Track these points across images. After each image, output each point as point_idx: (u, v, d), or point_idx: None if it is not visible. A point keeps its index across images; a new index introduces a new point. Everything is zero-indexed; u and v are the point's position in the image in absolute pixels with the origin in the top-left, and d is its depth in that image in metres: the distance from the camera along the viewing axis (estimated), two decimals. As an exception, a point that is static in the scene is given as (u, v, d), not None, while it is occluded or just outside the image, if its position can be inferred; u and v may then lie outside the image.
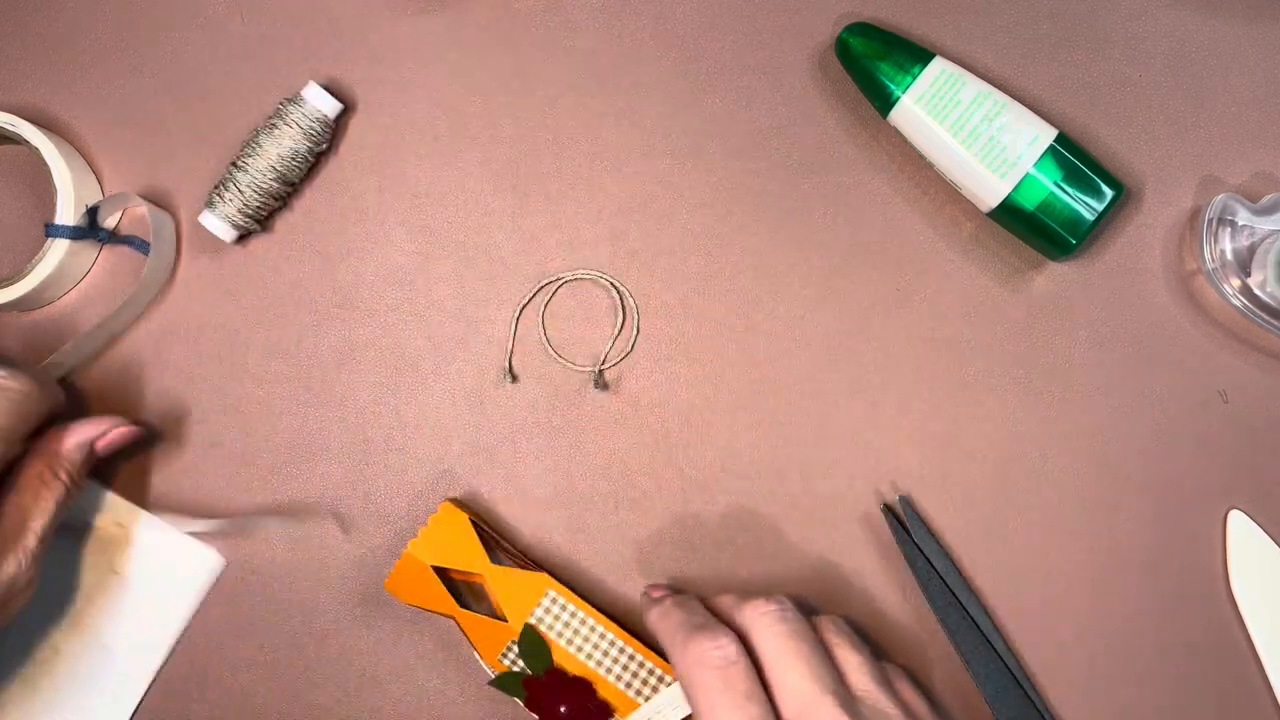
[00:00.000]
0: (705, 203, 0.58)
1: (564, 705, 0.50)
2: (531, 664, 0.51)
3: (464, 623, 0.52)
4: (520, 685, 0.51)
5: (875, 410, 0.57)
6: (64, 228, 0.56)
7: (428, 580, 0.52)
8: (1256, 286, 0.54)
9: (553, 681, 0.51)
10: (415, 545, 0.52)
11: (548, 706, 0.51)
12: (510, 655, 0.52)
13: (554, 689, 0.51)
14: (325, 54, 0.59)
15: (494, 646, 0.52)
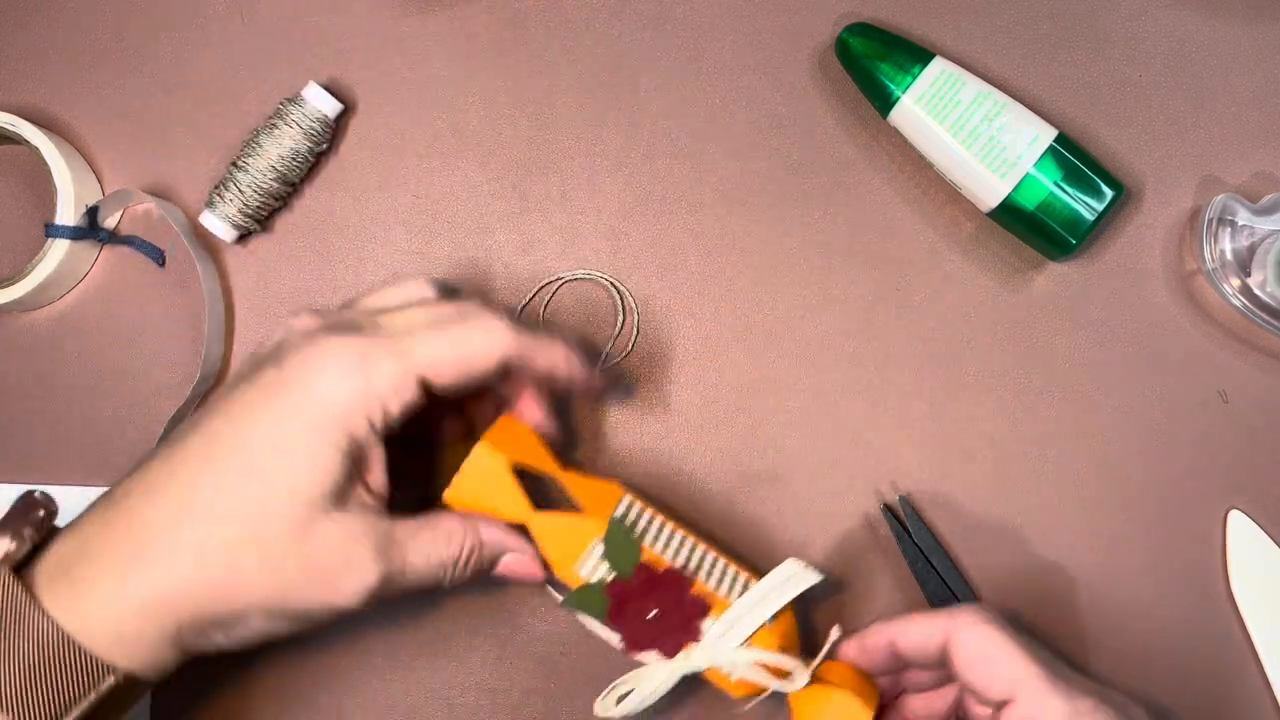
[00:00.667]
0: (705, 203, 0.58)
1: (656, 606, 0.46)
2: (619, 562, 0.46)
3: (537, 529, 0.47)
4: (603, 594, 0.46)
5: (875, 410, 0.57)
6: (64, 228, 0.56)
7: (500, 480, 0.46)
8: (1256, 286, 0.54)
9: (643, 581, 0.46)
10: (486, 445, 0.46)
11: (635, 612, 0.46)
12: (590, 563, 0.47)
13: (645, 589, 0.46)
14: (325, 54, 0.59)
15: (571, 553, 0.47)
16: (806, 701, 0.46)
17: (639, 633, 0.47)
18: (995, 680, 0.44)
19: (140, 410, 0.58)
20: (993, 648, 0.45)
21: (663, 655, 0.46)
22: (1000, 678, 0.44)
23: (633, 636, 0.47)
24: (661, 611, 0.46)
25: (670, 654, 0.46)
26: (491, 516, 0.47)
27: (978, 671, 0.44)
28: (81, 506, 0.57)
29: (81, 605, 0.40)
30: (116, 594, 0.40)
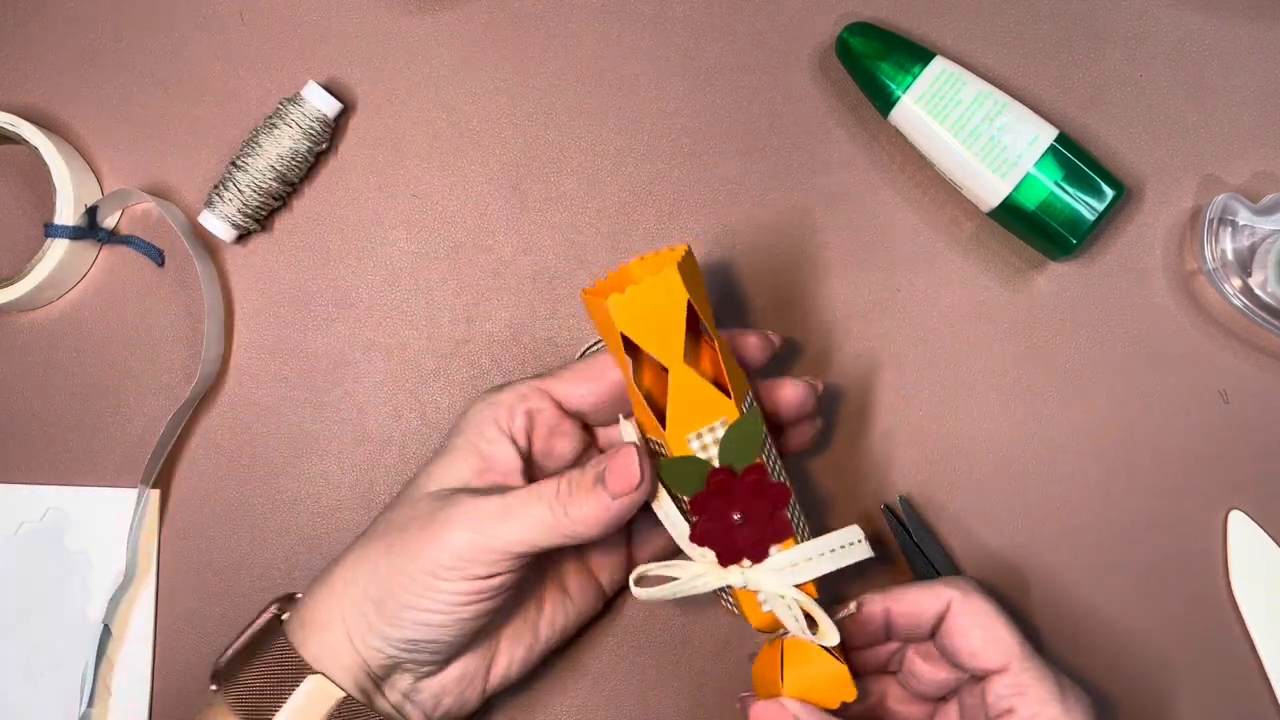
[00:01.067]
0: (705, 203, 0.58)
1: (744, 512, 0.45)
2: (736, 452, 0.44)
3: (676, 379, 0.44)
4: (703, 476, 0.44)
5: (875, 410, 0.56)
6: (64, 228, 0.56)
7: (672, 314, 0.43)
8: (1257, 286, 0.54)
9: (752, 482, 0.45)
10: (677, 274, 0.43)
11: (721, 507, 0.45)
12: (705, 439, 0.44)
13: (748, 491, 0.44)
14: (325, 54, 0.59)
15: (692, 420, 0.44)
16: (800, 653, 0.45)
17: (714, 530, 0.45)
18: (990, 648, 0.46)
19: (140, 410, 0.58)
20: (988, 617, 0.46)
21: (720, 560, 0.45)
22: (995, 647, 0.46)
23: (706, 531, 0.45)
24: (746, 519, 0.45)
25: (727, 562, 0.45)
26: (640, 345, 0.44)
27: (972, 639, 0.46)
28: (81, 506, 0.57)
29: (307, 638, 0.47)
30: (319, 616, 0.47)
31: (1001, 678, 0.45)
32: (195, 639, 0.57)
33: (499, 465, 0.47)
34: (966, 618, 0.46)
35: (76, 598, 0.57)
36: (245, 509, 0.57)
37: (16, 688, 0.56)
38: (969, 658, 0.46)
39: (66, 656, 0.56)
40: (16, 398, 0.58)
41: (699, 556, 0.45)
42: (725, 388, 0.45)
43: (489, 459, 0.48)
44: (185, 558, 0.57)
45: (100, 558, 0.57)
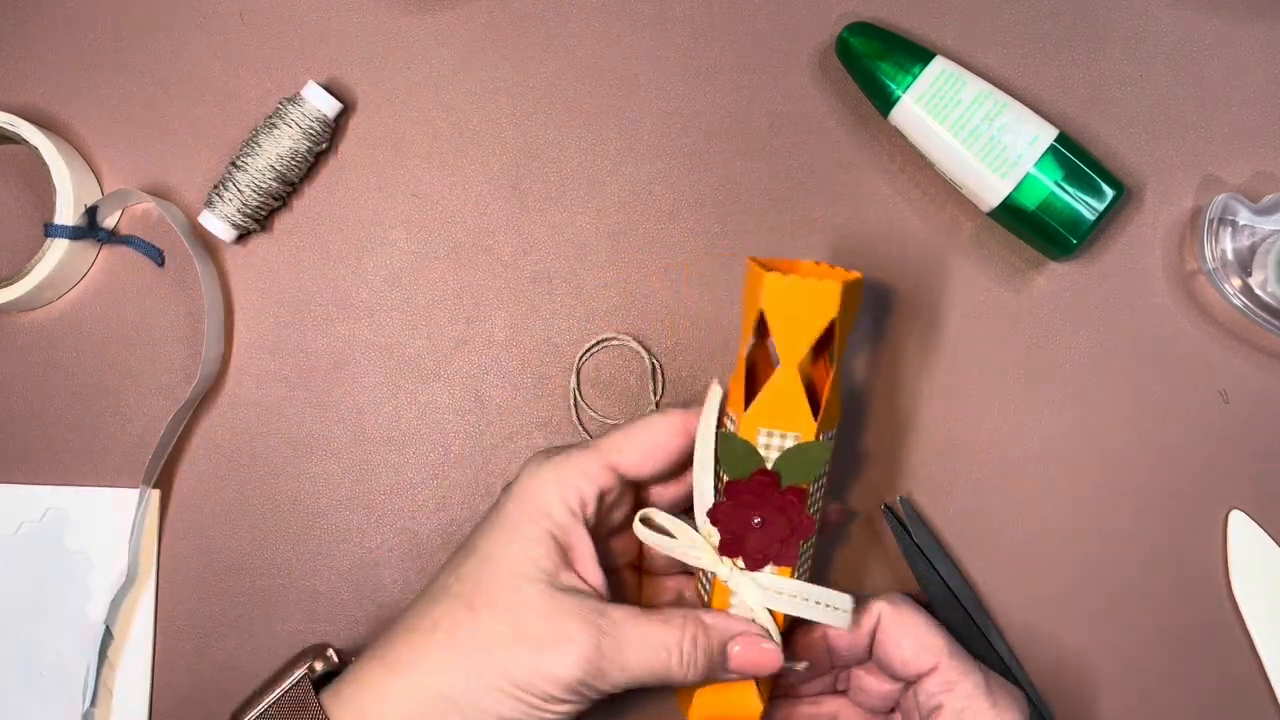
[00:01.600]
0: (705, 203, 0.58)
1: (766, 520, 0.45)
2: (792, 469, 0.45)
3: (782, 377, 0.44)
4: (751, 470, 0.45)
5: (875, 410, 0.56)
6: (63, 228, 0.56)
7: (814, 318, 0.44)
8: (1257, 286, 0.54)
9: (789, 498, 0.45)
10: (838, 286, 0.44)
11: (750, 506, 0.45)
12: (773, 440, 0.45)
13: (783, 506, 0.45)
14: (325, 54, 0.59)
15: (773, 419, 0.45)
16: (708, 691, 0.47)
17: (731, 519, 0.46)
18: (920, 653, 0.47)
19: (140, 410, 0.58)
20: (916, 625, 0.48)
21: (720, 547, 0.46)
22: (924, 651, 0.47)
23: (725, 516, 0.45)
24: (763, 527, 0.45)
25: (725, 553, 0.46)
26: (771, 330, 0.44)
27: (904, 648, 0.47)
28: (81, 506, 0.57)
29: (345, 714, 0.45)
30: (368, 700, 0.45)
31: (931, 677, 0.47)
32: (195, 639, 0.57)
33: (578, 554, 0.46)
34: (897, 629, 0.48)
35: (76, 598, 0.57)
36: (245, 509, 0.57)
37: (16, 688, 0.56)
38: (902, 665, 0.48)
39: (66, 656, 0.56)
40: (16, 398, 0.58)
41: (705, 532, 0.46)
42: (817, 410, 0.45)
43: (567, 546, 0.46)
44: (185, 558, 0.57)
45: (100, 558, 0.57)
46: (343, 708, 0.45)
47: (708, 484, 0.46)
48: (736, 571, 0.46)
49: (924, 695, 0.48)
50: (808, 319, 0.44)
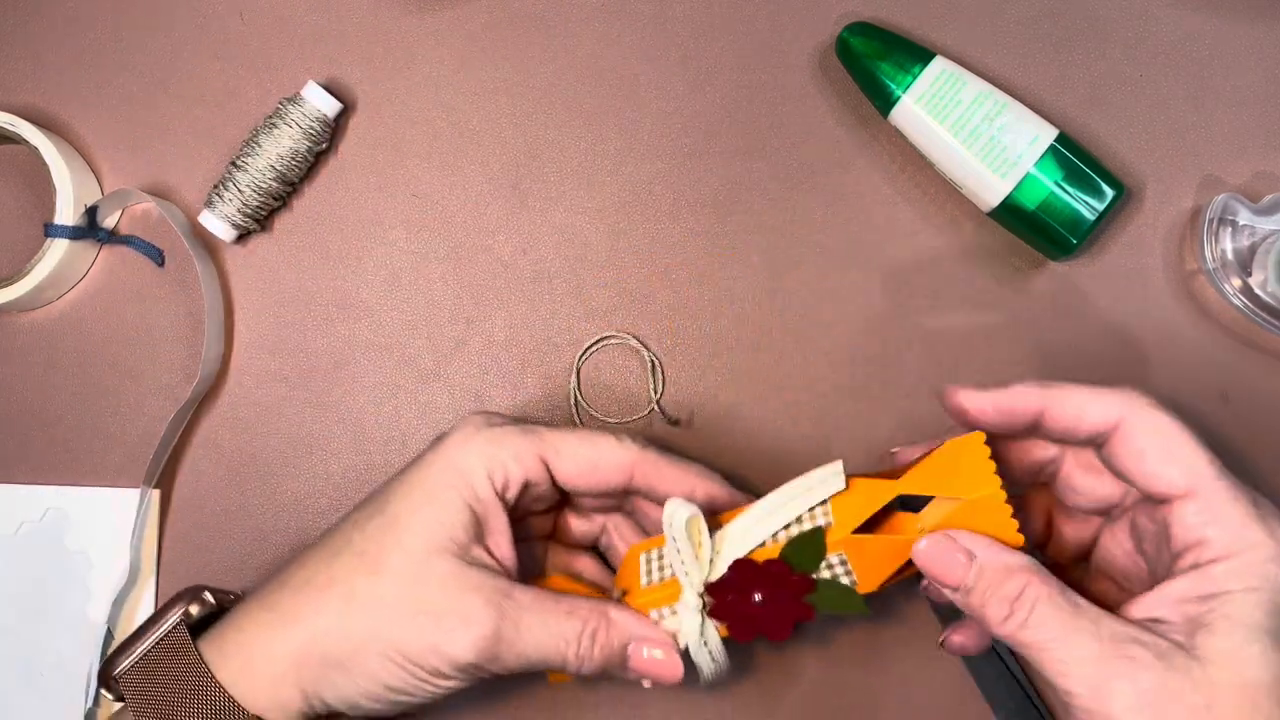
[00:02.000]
0: (705, 202, 0.58)
1: (766, 596, 0.44)
2: (828, 594, 0.44)
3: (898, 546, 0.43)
4: (850, 597, 0.44)
5: (876, 410, 0.56)
6: (63, 228, 0.56)
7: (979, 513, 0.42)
8: (1257, 286, 0.54)
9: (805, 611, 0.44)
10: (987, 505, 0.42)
11: (743, 601, 0.44)
12: (836, 569, 0.44)
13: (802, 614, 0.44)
14: (325, 54, 0.59)
15: (879, 574, 0.44)
16: None
17: (743, 612, 0.45)
18: (1173, 472, 0.41)
19: (140, 410, 0.58)
20: (1171, 437, 0.41)
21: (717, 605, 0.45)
22: (1177, 468, 0.40)
23: (745, 580, 0.45)
24: (764, 601, 0.44)
25: (720, 613, 0.45)
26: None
27: (1151, 461, 0.41)
28: (81, 506, 0.57)
29: (229, 662, 0.44)
30: (255, 648, 0.44)
31: (1187, 503, 0.40)
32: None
33: (493, 529, 0.45)
34: (1144, 438, 0.41)
35: (76, 598, 0.57)
36: (245, 509, 0.57)
37: (16, 688, 0.56)
38: (1144, 479, 0.41)
39: (66, 656, 0.56)
40: (16, 398, 0.58)
41: (701, 561, 0.45)
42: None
43: (483, 520, 0.45)
44: (185, 558, 0.57)
45: (100, 558, 0.57)
46: (225, 656, 0.44)
47: (756, 538, 0.44)
48: (696, 609, 0.44)
49: (1179, 525, 0.40)
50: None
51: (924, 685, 0.55)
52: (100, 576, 0.57)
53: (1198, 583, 0.39)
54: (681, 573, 0.44)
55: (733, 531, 0.45)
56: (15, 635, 0.57)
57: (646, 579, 0.46)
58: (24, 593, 0.57)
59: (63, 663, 0.56)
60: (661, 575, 0.46)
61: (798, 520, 0.44)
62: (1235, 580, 0.39)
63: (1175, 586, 0.40)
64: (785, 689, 0.55)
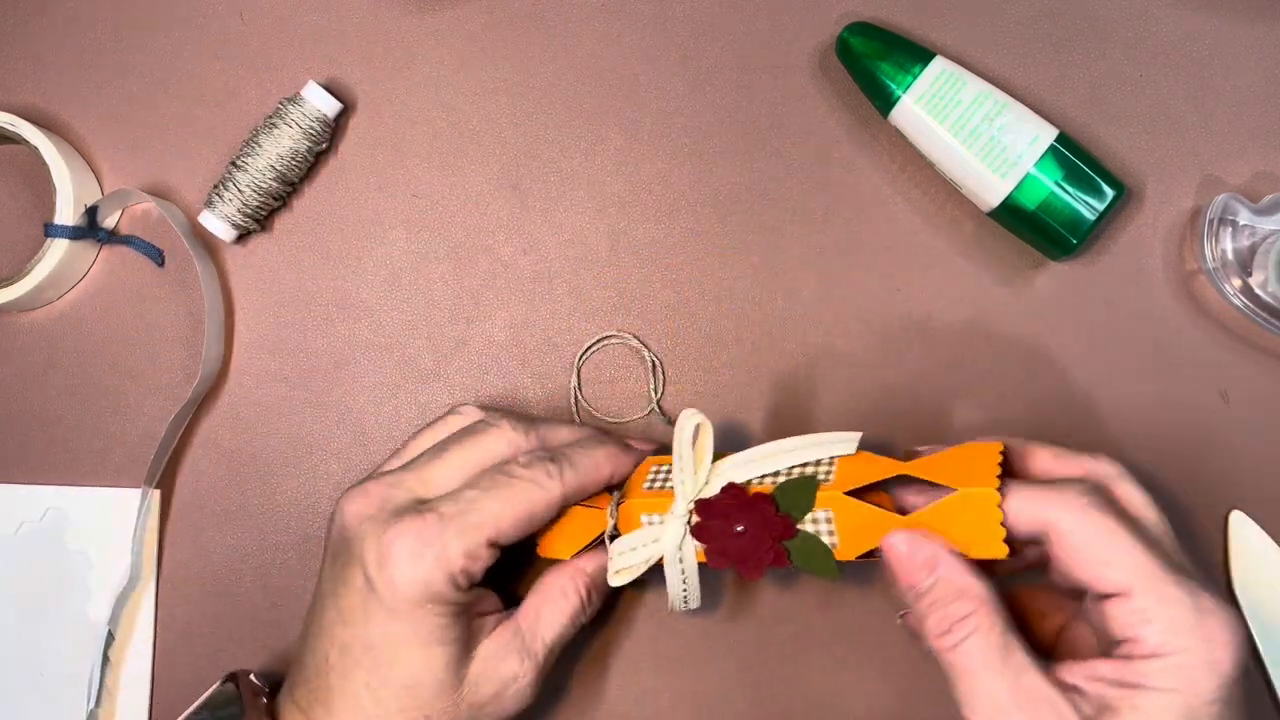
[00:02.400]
0: (705, 202, 0.58)
1: (747, 527, 0.45)
2: (794, 502, 0.45)
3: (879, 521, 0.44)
4: (785, 509, 0.45)
5: (876, 411, 0.56)
6: (63, 228, 0.56)
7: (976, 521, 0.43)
8: (1257, 286, 0.54)
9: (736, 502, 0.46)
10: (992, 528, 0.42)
11: (725, 526, 0.45)
12: (820, 526, 0.45)
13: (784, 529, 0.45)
14: (325, 54, 0.59)
15: (860, 543, 0.45)
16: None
17: (724, 539, 0.46)
18: (1108, 573, 0.41)
19: (140, 410, 0.58)
20: (1107, 536, 0.41)
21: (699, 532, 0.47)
22: (1114, 570, 0.40)
23: (727, 510, 0.46)
24: (745, 531, 0.45)
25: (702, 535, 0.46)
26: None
27: (1084, 560, 0.41)
28: (81, 506, 0.57)
29: None
30: None
31: (1123, 602, 0.40)
32: (195, 639, 0.57)
33: (480, 606, 0.48)
34: (1076, 537, 0.41)
35: (77, 598, 0.57)
36: (245, 509, 0.57)
37: (16, 687, 0.56)
38: (1081, 577, 0.41)
39: (66, 656, 0.56)
40: (16, 398, 0.58)
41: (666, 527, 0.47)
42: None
43: (466, 611, 0.47)
44: (185, 558, 0.57)
45: (100, 558, 0.57)
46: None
47: (755, 471, 0.46)
48: (682, 519, 0.46)
49: (1113, 620, 0.41)
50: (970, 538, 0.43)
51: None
52: (100, 576, 0.57)
53: (1124, 670, 0.40)
54: (679, 481, 0.46)
55: (737, 459, 0.47)
56: (15, 635, 0.57)
57: (648, 485, 0.49)
58: (24, 593, 0.57)
59: (63, 663, 0.56)
60: (663, 485, 0.48)
61: (801, 467, 0.45)
62: (1160, 679, 0.39)
63: (1103, 666, 0.41)
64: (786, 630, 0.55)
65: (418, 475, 0.48)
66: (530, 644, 0.48)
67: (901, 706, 0.55)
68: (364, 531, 0.46)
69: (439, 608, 0.45)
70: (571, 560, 0.50)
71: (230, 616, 0.57)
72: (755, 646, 0.55)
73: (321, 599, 0.48)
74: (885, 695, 0.55)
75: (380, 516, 0.46)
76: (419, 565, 0.44)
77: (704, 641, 0.55)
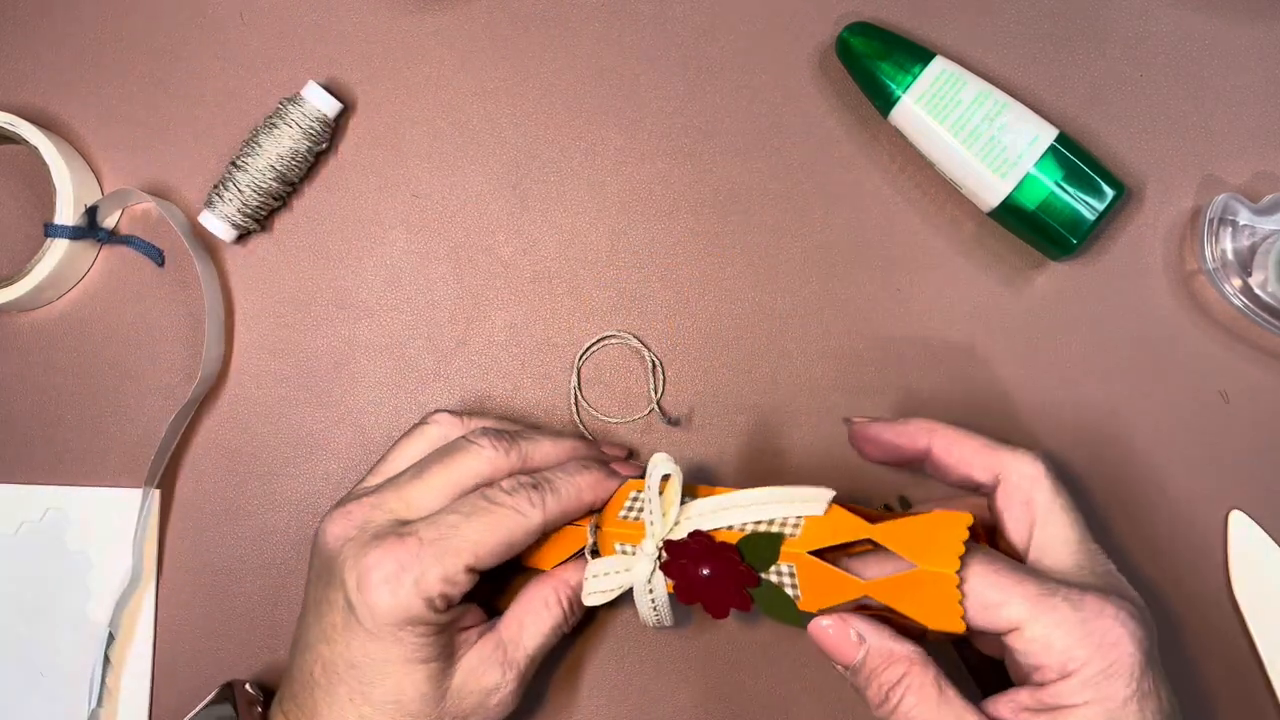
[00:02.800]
0: (705, 202, 0.58)
1: (713, 570, 0.46)
2: (759, 558, 0.46)
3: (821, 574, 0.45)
4: (749, 563, 0.46)
5: (876, 411, 0.56)
6: (63, 228, 0.56)
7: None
8: (1257, 286, 0.54)
9: (721, 571, 0.47)
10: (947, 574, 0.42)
11: (692, 568, 0.46)
12: (784, 578, 0.46)
13: (712, 575, 0.46)
14: (325, 54, 0.59)
15: (826, 597, 0.45)
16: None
17: (692, 580, 0.47)
18: (999, 614, 0.42)
19: (140, 410, 0.58)
20: (992, 575, 0.42)
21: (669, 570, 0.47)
22: (1004, 611, 0.42)
23: (686, 580, 0.47)
24: (711, 574, 0.46)
25: (671, 572, 0.47)
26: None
27: (977, 606, 0.42)
28: (81, 506, 0.57)
29: None
30: None
31: (1017, 635, 0.42)
32: (195, 639, 0.57)
33: (462, 621, 0.48)
34: (969, 579, 0.42)
35: (77, 598, 0.57)
36: (245, 509, 0.57)
37: (16, 687, 0.56)
38: (980, 619, 0.43)
39: (66, 656, 0.56)
40: (16, 398, 0.58)
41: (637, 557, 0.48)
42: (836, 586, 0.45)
43: (448, 628, 0.47)
44: (185, 558, 0.57)
45: (100, 558, 0.57)
46: None
47: (724, 520, 0.47)
48: (650, 557, 0.47)
49: (1015, 652, 0.43)
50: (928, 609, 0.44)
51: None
52: (100, 576, 0.57)
53: (1042, 696, 0.42)
54: (648, 521, 0.48)
55: (706, 505, 0.47)
56: (15, 635, 0.57)
57: (625, 513, 0.49)
58: (24, 593, 0.57)
59: (62, 663, 0.56)
60: (638, 516, 0.49)
61: (769, 521, 0.46)
62: (1073, 696, 0.41)
63: (1021, 695, 0.43)
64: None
65: (398, 495, 0.48)
66: (513, 654, 0.49)
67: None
68: (345, 554, 0.46)
69: (419, 629, 0.46)
70: (554, 571, 0.51)
71: (230, 617, 0.57)
72: (724, 657, 0.55)
73: (306, 615, 0.48)
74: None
75: (361, 539, 0.46)
76: (398, 590, 0.45)
77: (678, 649, 0.56)
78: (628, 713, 0.56)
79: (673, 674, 0.56)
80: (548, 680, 0.56)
